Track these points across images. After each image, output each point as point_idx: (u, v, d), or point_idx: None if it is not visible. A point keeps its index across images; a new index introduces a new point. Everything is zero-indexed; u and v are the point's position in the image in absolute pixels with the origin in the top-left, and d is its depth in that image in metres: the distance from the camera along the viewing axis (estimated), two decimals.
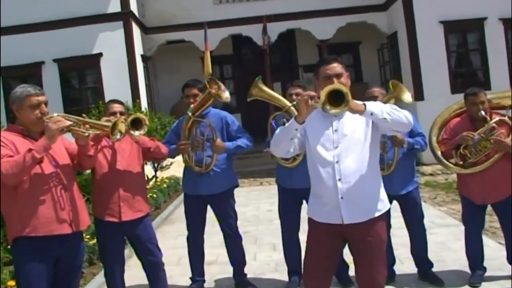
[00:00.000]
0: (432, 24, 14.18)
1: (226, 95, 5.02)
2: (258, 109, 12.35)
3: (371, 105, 3.23)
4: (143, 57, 15.47)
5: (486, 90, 5.21)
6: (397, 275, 5.30)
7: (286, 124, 3.48)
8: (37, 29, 13.97)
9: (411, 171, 5.20)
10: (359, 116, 3.28)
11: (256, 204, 9.86)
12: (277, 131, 3.56)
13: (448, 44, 14.44)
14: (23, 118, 3.57)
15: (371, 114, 3.21)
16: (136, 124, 4.30)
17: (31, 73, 14.35)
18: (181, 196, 11.18)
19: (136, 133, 4.29)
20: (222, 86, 5.03)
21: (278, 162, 5.21)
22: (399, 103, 4.76)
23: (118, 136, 3.85)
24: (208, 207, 5.33)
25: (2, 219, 3.77)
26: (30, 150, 3.32)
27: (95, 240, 6.60)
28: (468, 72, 14.85)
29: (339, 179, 3.37)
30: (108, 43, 14.11)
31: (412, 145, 4.98)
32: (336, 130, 3.45)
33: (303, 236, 5.28)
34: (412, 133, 5.01)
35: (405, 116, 3.31)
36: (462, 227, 7.06)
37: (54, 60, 14.25)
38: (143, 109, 12.72)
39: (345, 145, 3.41)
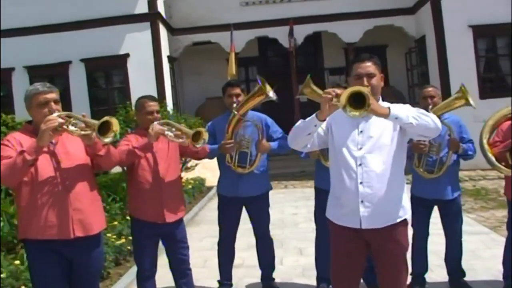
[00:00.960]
0: (461, 28, 13.95)
1: (272, 93, 4.97)
2: (283, 111, 12.32)
3: (396, 109, 3.15)
4: (170, 58, 15.50)
5: None
6: (427, 283, 5.21)
7: (307, 118, 3.37)
8: (65, 29, 14.11)
9: (457, 177, 5.12)
10: (386, 122, 3.23)
11: (281, 208, 9.78)
12: (298, 123, 3.46)
13: (477, 48, 14.18)
14: (33, 117, 3.50)
15: (396, 118, 3.14)
16: (196, 136, 4.30)
17: (58, 72, 14.46)
18: (206, 198, 11.32)
19: (199, 144, 4.28)
20: (269, 86, 4.97)
21: (320, 163, 5.05)
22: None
23: (108, 139, 3.44)
24: None
25: None
26: (21, 152, 3.22)
27: (121, 240, 6.66)
28: (497, 77, 14.59)
29: (361, 182, 3.32)
30: (135, 44, 14.16)
31: (466, 151, 4.92)
32: (361, 132, 3.39)
33: None
34: (463, 140, 4.96)
35: (432, 121, 3.22)
36: (493, 235, 6.98)
37: (81, 60, 14.34)
38: (168, 109, 12.73)
39: (370, 148, 3.35)
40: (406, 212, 3.45)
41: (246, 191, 5.10)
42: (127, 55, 14.28)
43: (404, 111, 3.18)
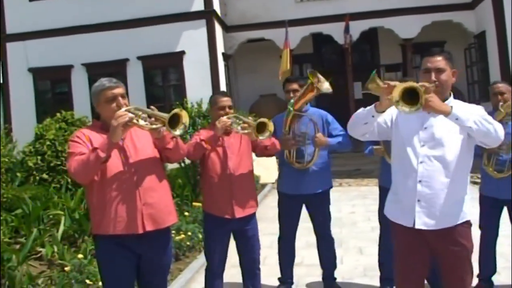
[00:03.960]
0: None
1: (326, 86, 4.90)
2: (338, 108, 12.19)
3: (459, 110, 3.05)
4: (224, 55, 15.57)
5: None
6: (495, 286, 5.05)
7: (367, 108, 3.29)
8: (122, 27, 14.41)
9: None
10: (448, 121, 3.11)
11: (338, 206, 9.63)
12: (358, 110, 3.39)
13: None
14: (102, 113, 3.49)
15: (456, 118, 3.03)
16: (261, 127, 4.26)
17: (115, 70, 14.68)
18: (261, 195, 11.29)
19: (264, 136, 4.23)
20: (322, 78, 4.90)
21: (385, 161, 4.86)
22: None
23: (178, 132, 3.35)
24: None
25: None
26: (94, 149, 3.21)
27: (181, 236, 6.70)
28: None
29: (420, 181, 3.23)
30: (191, 41, 14.30)
31: None
32: (425, 128, 3.29)
33: None
34: None
35: (494, 129, 3.08)
36: None
37: (138, 58, 14.57)
38: None
39: (432, 146, 3.26)
40: (464, 217, 3.33)
41: (308, 188, 5.05)
42: (183, 52, 14.42)
43: (467, 113, 3.06)
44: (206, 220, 4.59)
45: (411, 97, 2.94)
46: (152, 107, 3.44)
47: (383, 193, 4.95)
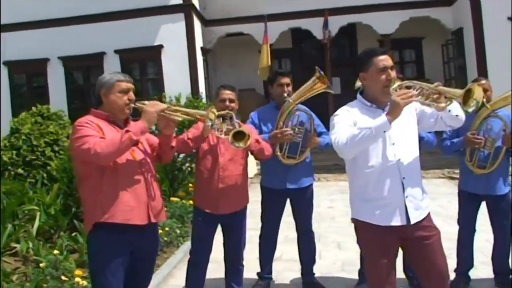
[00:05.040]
0: (500, 21, 13.63)
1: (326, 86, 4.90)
2: (317, 104, 12.18)
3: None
4: (203, 49, 15.48)
5: None
6: (472, 280, 5.09)
7: (372, 126, 3.13)
8: (100, 20, 14.22)
9: (508, 173, 4.97)
10: (404, 111, 3.14)
11: (317, 201, 9.58)
12: (356, 133, 3.18)
13: None
14: (111, 103, 3.49)
15: (449, 110, 3.16)
16: (239, 135, 4.12)
17: (92, 63, 14.57)
18: None
19: (238, 145, 4.12)
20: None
21: None
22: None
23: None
24: None
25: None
26: (127, 131, 3.26)
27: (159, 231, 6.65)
28: None
29: (404, 177, 3.27)
30: (169, 35, 14.19)
31: None
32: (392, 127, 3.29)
33: None
34: None
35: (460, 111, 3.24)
36: None
37: (116, 51, 14.42)
38: (204, 101, 12.72)
39: (402, 141, 3.31)
40: (428, 198, 3.47)
41: (295, 182, 5.06)
42: (161, 46, 14.31)
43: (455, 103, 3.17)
44: (194, 213, 4.64)
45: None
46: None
47: None
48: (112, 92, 3.48)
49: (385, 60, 3.33)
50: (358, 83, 4.37)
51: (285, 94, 4.98)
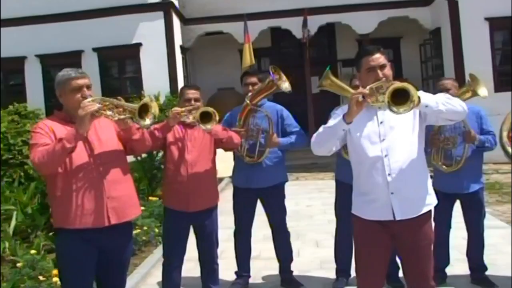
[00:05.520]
0: (477, 21, 13.81)
1: (286, 85, 4.92)
2: (296, 103, 12.24)
3: (425, 97, 3.12)
4: (182, 48, 15.44)
5: None
6: (448, 276, 5.15)
7: (331, 123, 3.33)
8: (78, 18, 14.08)
9: (479, 170, 5.03)
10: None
11: (295, 199, 9.71)
12: (320, 130, 3.39)
13: (493, 41, 14.06)
14: (67, 103, 3.41)
15: (426, 106, 3.11)
16: (206, 117, 4.20)
17: (70, 61, 14.28)
18: (219, 188, 11.23)
19: (206, 127, 4.18)
20: (284, 77, 4.92)
21: (342, 156, 4.88)
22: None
23: (148, 122, 3.34)
24: None
25: None
26: (60, 139, 3.15)
27: (136, 230, 6.62)
28: None
29: (389, 174, 3.27)
30: (148, 33, 14.11)
31: (483, 143, 4.82)
32: (381, 122, 3.33)
33: None
34: (482, 131, 4.87)
35: (459, 104, 3.20)
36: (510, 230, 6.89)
37: (94, 49, 14.32)
38: None
39: (393, 138, 3.30)
40: (433, 199, 3.44)
41: (258, 182, 5.07)
42: (139, 44, 14.24)
43: (432, 98, 3.15)
44: (165, 213, 4.60)
45: (396, 97, 2.97)
46: (119, 97, 3.43)
47: (340, 187, 5.06)
48: (64, 92, 3.39)
49: (372, 60, 3.32)
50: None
51: (248, 94, 5.00)
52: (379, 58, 3.32)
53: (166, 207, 4.57)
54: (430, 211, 3.43)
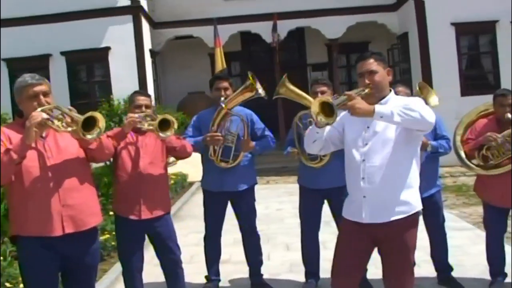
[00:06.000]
0: (443, 26, 14.10)
1: (261, 91, 4.94)
2: (266, 107, 12.21)
3: (381, 108, 3.14)
4: (152, 52, 15.37)
5: None
6: (415, 278, 5.20)
7: (310, 128, 3.53)
8: (45, 21, 13.93)
9: (434, 174, 5.09)
10: None
11: (265, 203, 9.74)
12: (307, 131, 3.62)
13: (459, 46, 14.37)
14: (24, 111, 3.33)
15: (381, 117, 3.14)
16: (164, 125, 4.14)
17: (38, 65, 14.20)
18: (189, 193, 11.23)
19: (165, 134, 4.14)
20: (259, 83, 4.94)
21: (304, 163, 5.03)
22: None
23: (94, 135, 3.24)
24: None
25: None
26: (7, 150, 3.09)
27: (105, 236, 6.56)
28: (479, 75, 14.81)
29: (363, 178, 3.35)
30: (117, 37, 14.03)
31: (436, 148, 4.86)
32: (368, 127, 3.39)
33: (322, 237, 5.25)
34: (436, 136, 4.92)
35: (420, 115, 3.16)
36: (477, 231, 7.01)
37: (62, 53, 14.17)
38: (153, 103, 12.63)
39: (374, 144, 3.36)
40: (412, 208, 3.40)
41: (231, 185, 5.06)
42: (108, 48, 14.14)
43: (388, 109, 3.15)
44: (116, 221, 4.49)
45: (328, 108, 3.07)
46: (70, 107, 3.33)
47: (302, 191, 5.21)
48: (22, 99, 3.32)
49: (362, 65, 3.41)
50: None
51: (222, 98, 5.00)
52: (368, 64, 3.39)
53: (118, 216, 4.44)
54: (413, 219, 3.42)
